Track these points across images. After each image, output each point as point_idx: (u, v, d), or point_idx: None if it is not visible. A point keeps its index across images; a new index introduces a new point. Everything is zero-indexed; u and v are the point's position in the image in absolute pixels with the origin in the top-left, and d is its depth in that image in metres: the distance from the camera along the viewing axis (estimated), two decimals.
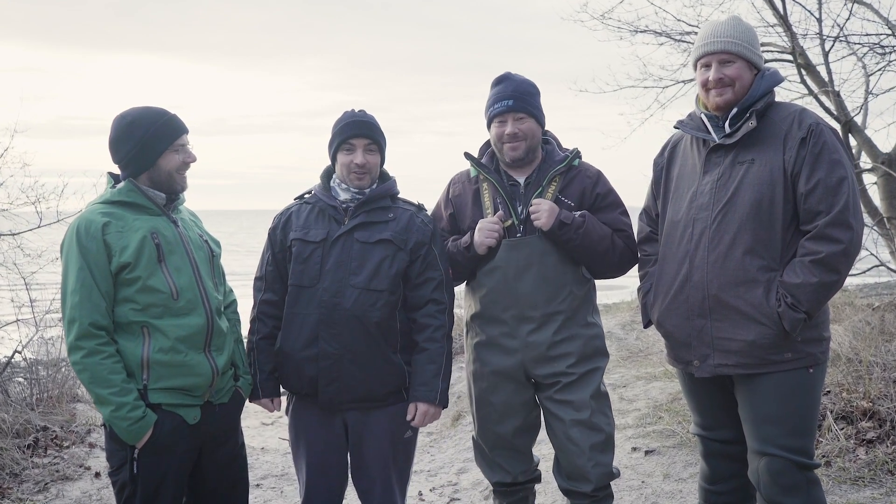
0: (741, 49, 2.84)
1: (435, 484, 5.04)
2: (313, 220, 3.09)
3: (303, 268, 3.02)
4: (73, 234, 2.71)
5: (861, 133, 7.83)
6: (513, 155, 3.21)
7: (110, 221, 2.72)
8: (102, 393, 2.63)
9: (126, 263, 2.69)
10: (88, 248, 2.67)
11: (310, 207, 3.13)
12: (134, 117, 2.79)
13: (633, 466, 4.67)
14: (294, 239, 3.07)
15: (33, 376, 6.00)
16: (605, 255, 3.19)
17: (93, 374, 2.63)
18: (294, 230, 3.09)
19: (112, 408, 2.63)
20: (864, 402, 4.53)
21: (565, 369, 3.19)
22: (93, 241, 2.68)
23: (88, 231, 2.69)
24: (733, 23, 2.89)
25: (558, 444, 3.25)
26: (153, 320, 2.71)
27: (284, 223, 3.14)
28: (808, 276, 2.67)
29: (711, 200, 2.84)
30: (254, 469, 5.41)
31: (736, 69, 2.84)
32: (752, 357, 2.77)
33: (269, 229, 3.19)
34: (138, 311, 2.71)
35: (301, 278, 3.02)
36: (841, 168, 2.70)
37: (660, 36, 8.46)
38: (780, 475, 2.75)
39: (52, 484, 4.68)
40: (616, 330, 8.28)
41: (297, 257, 3.04)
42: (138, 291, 2.70)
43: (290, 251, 3.08)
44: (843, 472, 4.06)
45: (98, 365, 2.63)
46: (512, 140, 3.20)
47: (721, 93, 2.85)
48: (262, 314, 3.12)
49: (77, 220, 2.75)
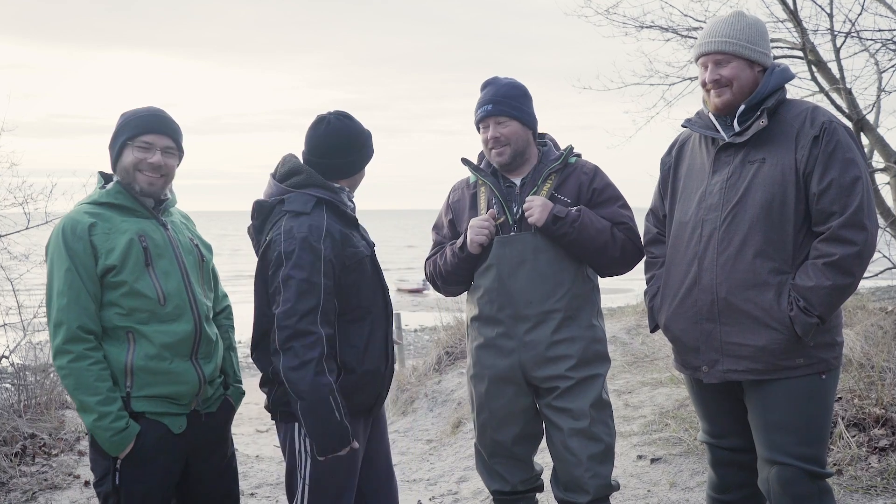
0: (736, 48, 2.82)
1: (434, 493, 5.04)
2: (349, 231, 2.89)
3: (370, 287, 2.88)
4: (59, 235, 2.69)
5: (873, 132, 7.82)
6: (499, 160, 3.26)
7: (97, 222, 2.70)
8: (87, 400, 2.62)
9: (112, 266, 2.68)
10: (75, 248, 2.66)
11: (338, 217, 2.87)
12: (128, 114, 2.82)
13: (638, 475, 4.67)
14: (367, 256, 2.89)
15: (21, 382, 5.99)
16: (604, 249, 3.19)
17: (78, 380, 2.62)
18: (354, 246, 2.84)
19: (95, 416, 2.62)
20: (877, 408, 4.52)
21: (564, 372, 3.19)
22: (79, 242, 2.66)
23: (75, 231, 2.68)
24: (731, 20, 2.87)
25: (556, 454, 3.25)
26: (139, 326, 2.70)
27: (342, 243, 2.79)
28: (822, 279, 2.66)
29: (721, 201, 2.84)
30: (248, 478, 5.41)
31: (731, 69, 2.83)
32: (763, 363, 2.76)
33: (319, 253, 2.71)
34: (123, 316, 2.70)
35: (369, 299, 2.89)
36: (855, 167, 2.69)
37: (666, 31, 8.45)
38: (791, 484, 2.74)
39: (41, 493, 4.67)
40: (621, 334, 8.28)
41: (364, 276, 2.86)
42: (124, 296, 2.69)
43: (350, 269, 2.83)
44: (855, 480, 4.06)
45: (85, 371, 2.62)
46: (496, 145, 3.25)
47: (719, 93, 2.85)
48: (328, 352, 2.72)
49: (63, 221, 2.74)
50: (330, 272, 2.73)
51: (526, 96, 3.31)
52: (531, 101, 3.32)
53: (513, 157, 3.26)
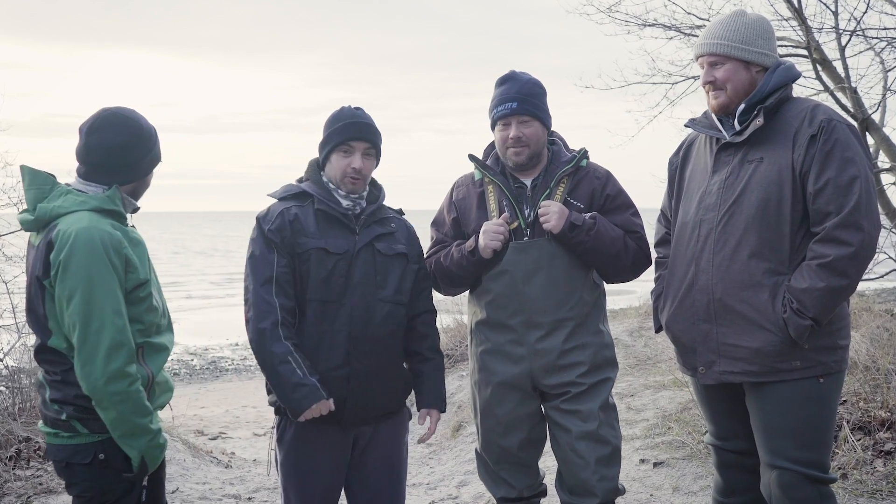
0: (730, 50, 2.83)
1: (435, 497, 5.04)
2: (327, 228, 2.96)
3: (326, 282, 2.91)
4: (100, 249, 2.50)
5: (879, 131, 7.82)
6: (516, 160, 3.22)
7: (121, 235, 2.58)
8: (142, 422, 2.54)
9: (144, 280, 2.60)
10: (116, 264, 2.52)
11: (316, 212, 2.97)
12: (149, 127, 2.73)
13: (641, 479, 4.67)
14: (315, 248, 2.92)
15: (15, 385, 5.99)
16: (617, 257, 3.19)
17: (136, 404, 2.51)
18: (309, 237, 2.93)
19: (150, 437, 2.56)
20: (882, 411, 4.53)
21: (575, 379, 3.19)
22: (117, 257, 2.53)
23: (113, 246, 2.53)
24: (728, 21, 2.87)
25: (562, 457, 3.24)
26: (150, 339, 2.65)
27: (291, 225, 2.93)
28: (815, 281, 2.66)
29: (718, 201, 2.85)
30: (245, 482, 5.41)
31: (725, 71, 2.84)
32: (759, 364, 2.77)
33: (264, 228, 2.93)
34: (141, 332, 2.62)
35: (326, 293, 2.91)
36: (853, 166, 2.68)
37: (669, 30, 8.46)
38: (791, 489, 2.74)
39: (35, 497, 4.67)
40: (623, 337, 8.28)
41: (319, 270, 2.91)
42: (146, 310, 2.62)
43: (301, 259, 2.92)
44: (860, 484, 4.06)
45: (139, 394, 2.53)
46: (516, 145, 3.20)
47: (716, 95, 2.88)
48: (287, 321, 2.88)
49: (92, 232, 2.52)
50: (283, 251, 2.91)
51: (545, 94, 3.29)
52: (547, 100, 3.31)
53: (530, 158, 3.23)
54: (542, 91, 3.26)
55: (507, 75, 3.28)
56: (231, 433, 7.44)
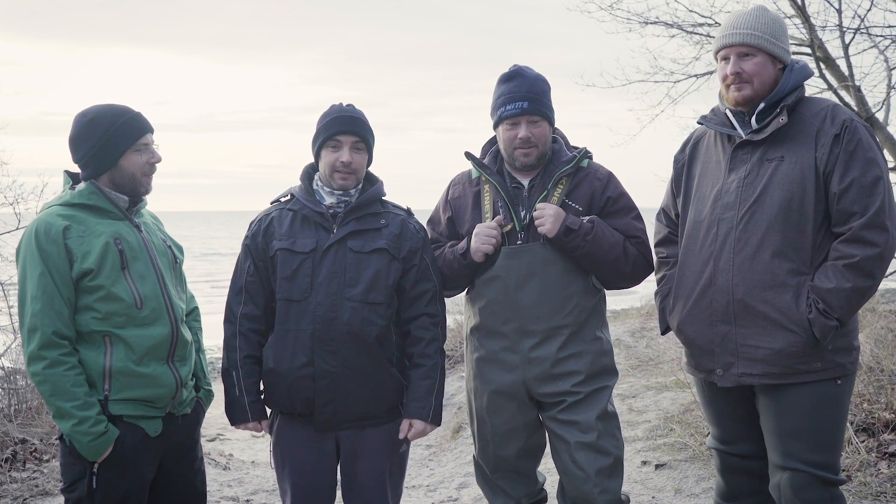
0: (762, 42, 2.80)
1: (434, 500, 5.04)
2: (298, 227, 2.99)
3: (291, 281, 2.94)
4: (32, 238, 2.68)
5: (883, 130, 7.82)
6: (525, 161, 3.14)
7: (71, 225, 2.70)
8: (64, 406, 2.63)
9: (88, 270, 2.68)
10: (49, 252, 2.65)
11: (292, 214, 3.03)
12: (94, 114, 2.78)
13: (642, 481, 4.67)
14: (279, 249, 2.97)
15: (11, 386, 5.99)
16: (616, 263, 3.11)
17: (54, 386, 2.63)
18: (278, 239, 2.99)
19: (74, 421, 2.63)
20: (887, 413, 4.53)
21: (570, 388, 3.11)
22: (53, 245, 2.66)
23: (48, 234, 2.67)
24: (756, 13, 2.84)
25: (563, 468, 3.17)
26: (116, 330, 2.71)
27: (265, 230, 3.02)
28: (842, 281, 2.65)
29: (738, 200, 2.82)
30: (244, 484, 5.41)
31: (755, 64, 2.81)
32: (779, 366, 2.75)
33: (245, 237, 3.07)
34: (99, 320, 2.70)
35: (290, 292, 2.94)
36: (876, 167, 2.68)
37: (671, 28, 8.45)
38: (803, 491, 2.73)
39: (32, 499, 4.67)
40: (625, 337, 8.28)
41: (284, 269, 2.95)
42: (100, 300, 2.70)
43: (272, 262, 2.99)
44: (864, 486, 4.06)
45: (61, 377, 2.63)
46: (525, 146, 3.12)
47: (739, 88, 2.82)
48: (245, 330, 3.01)
49: (35, 223, 2.72)
50: (257, 256, 3.03)
51: (550, 90, 3.21)
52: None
53: (538, 159, 3.15)
54: (548, 88, 3.20)
55: (514, 71, 3.18)
56: (229, 435, 7.43)
